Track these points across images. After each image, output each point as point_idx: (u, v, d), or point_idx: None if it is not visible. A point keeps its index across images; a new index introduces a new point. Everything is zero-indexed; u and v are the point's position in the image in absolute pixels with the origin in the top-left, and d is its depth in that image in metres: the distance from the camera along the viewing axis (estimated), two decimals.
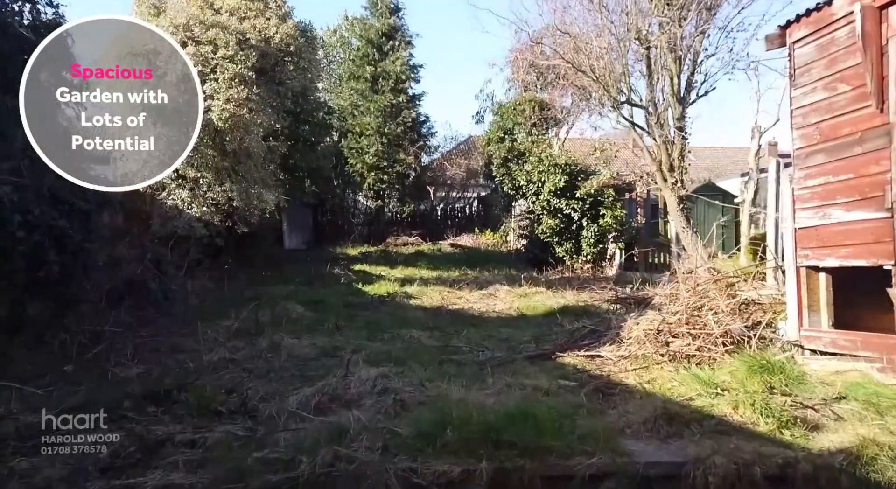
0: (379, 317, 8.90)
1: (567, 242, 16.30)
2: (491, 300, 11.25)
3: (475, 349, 6.85)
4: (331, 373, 5.35)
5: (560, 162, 16.01)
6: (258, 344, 6.53)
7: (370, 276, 13.91)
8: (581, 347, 6.58)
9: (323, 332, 7.44)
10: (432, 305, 10.58)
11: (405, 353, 6.36)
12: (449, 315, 9.79)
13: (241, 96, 10.62)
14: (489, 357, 6.41)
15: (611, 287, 11.26)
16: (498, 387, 5.08)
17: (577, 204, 15.79)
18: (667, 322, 6.42)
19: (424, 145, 22.96)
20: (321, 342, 6.77)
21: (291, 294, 10.54)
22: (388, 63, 22.04)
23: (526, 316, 9.61)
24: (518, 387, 5.01)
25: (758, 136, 22.93)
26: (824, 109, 5.64)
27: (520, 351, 6.70)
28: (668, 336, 6.30)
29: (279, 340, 6.47)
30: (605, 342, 6.65)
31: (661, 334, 6.32)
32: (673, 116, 12.96)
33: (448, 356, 6.43)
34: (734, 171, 29.21)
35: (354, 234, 22.27)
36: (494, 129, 18.77)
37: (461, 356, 6.45)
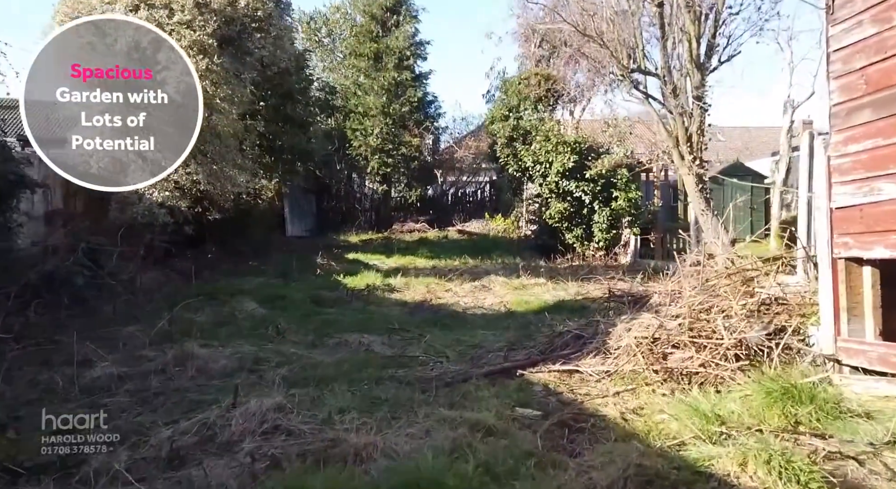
0: (341, 317, 7.71)
1: (577, 228, 14.88)
2: (482, 293, 9.97)
3: (433, 360, 5.59)
4: (228, 398, 4.16)
5: (568, 140, 14.55)
6: (168, 354, 5.37)
7: (359, 266, 12.74)
8: (558, 359, 5.26)
9: (259, 338, 6.25)
10: (414, 300, 9.35)
11: (341, 368, 5.13)
12: (428, 311, 8.56)
13: (201, 67, 9.44)
14: (443, 372, 5.15)
15: (612, 277, 9.86)
16: (429, 422, 3.82)
17: (587, 186, 14.34)
18: (665, 328, 5.05)
19: (431, 126, 21.59)
20: (248, 351, 5.59)
21: (258, 287, 9.42)
22: (391, 39, 20.70)
23: (514, 313, 8.31)
24: (454, 424, 3.74)
25: (790, 111, 21.01)
26: (873, 49, 4.17)
27: (484, 363, 5.43)
28: (665, 346, 4.94)
29: (191, 350, 5.29)
30: (588, 352, 5.32)
31: (656, 344, 4.97)
32: (691, 85, 11.40)
33: (394, 370, 5.18)
34: (764, 152, 27.23)
35: (360, 221, 21.15)
36: (499, 106, 17.30)
37: (409, 371, 5.20)
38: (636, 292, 6.75)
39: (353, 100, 20.78)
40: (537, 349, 5.73)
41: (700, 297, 5.33)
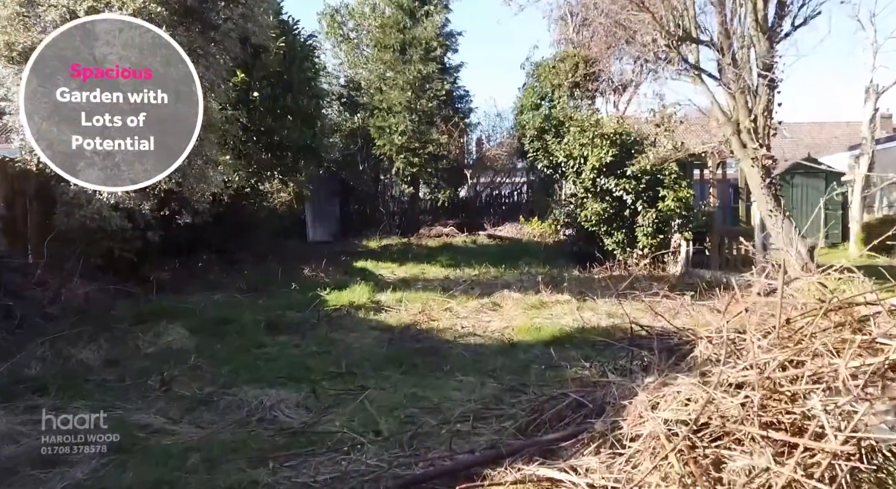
0: (285, 352, 5.82)
1: (617, 232, 12.55)
2: (487, 315, 7.91)
3: (350, 441, 3.59)
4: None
5: (607, 131, 12.26)
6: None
7: (358, 277, 10.88)
8: (540, 452, 3.18)
9: (130, 391, 4.41)
10: (399, 323, 7.38)
11: (184, 463, 3.21)
12: (408, 341, 6.57)
13: (146, 41, 7.76)
14: (349, 471, 3.14)
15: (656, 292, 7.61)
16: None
17: (629, 184, 12.01)
18: (717, 408, 2.91)
19: (461, 122, 19.54)
20: (71, 424, 3.73)
21: (213, 306, 7.67)
22: (419, 29, 18.83)
23: (516, 346, 6.23)
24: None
25: (874, 97, 18.00)
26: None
27: (425, 450, 3.40)
28: (719, 443, 2.81)
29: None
30: (590, 438, 3.22)
31: (703, 437, 2.84)
32: (756, 56, 9.02)
33: (274, 466, 3.21)
34: (837, 147, 23.97)
35: (384, 224, 19.35)
36: (529, 94, 15.11)
37: (298, 468, 3.22)
38: (671, 333, 4.48)
39: (378, 96, 19.02)
40: (516, 424, 3.65)
41: (779, 353, 3.14)
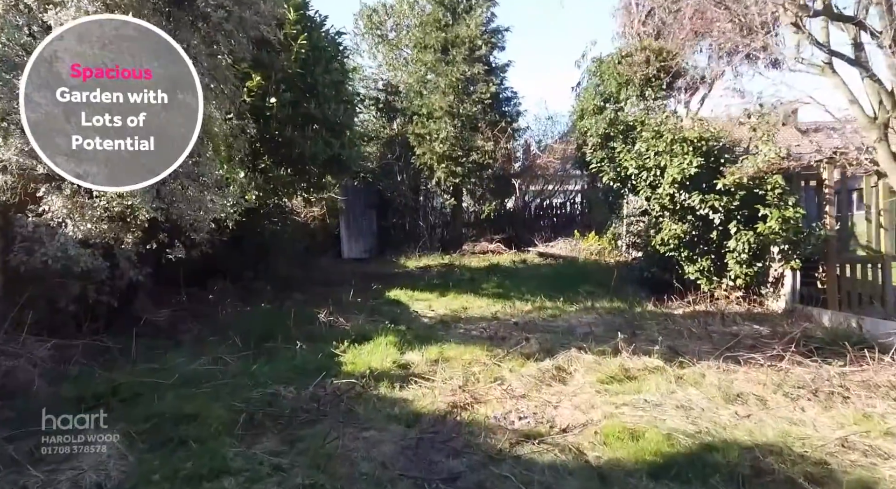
0: (258, 486, 3.73)
1: (703, 258, 10.07)
2: (552, 390, 5.64)
3: None
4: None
5: (690, 136, 9.80)
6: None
7: (386, 317, 8.78)
8: None
9: None
10: (432, 411, 5.17)
11: None
12: (441, 450, 4.38)
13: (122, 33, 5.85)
14: None
15: (774, 348, 5.22)
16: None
17: (718, 200, 9.51)
18: None
19: (508, 128, 17.28)
20: None
21: (185, 381, 5.66)
22: (461, 27, 16.69)
23: (607, 476, 3.96)
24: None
25: None
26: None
27: None
28: None
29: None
30: None
31: None
32: None
33: None
34: None
35: (424, 240, 17.29)
36: (590, 95, 12.71)
37: None
38: None
39: (418, 100, 16.97)
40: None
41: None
